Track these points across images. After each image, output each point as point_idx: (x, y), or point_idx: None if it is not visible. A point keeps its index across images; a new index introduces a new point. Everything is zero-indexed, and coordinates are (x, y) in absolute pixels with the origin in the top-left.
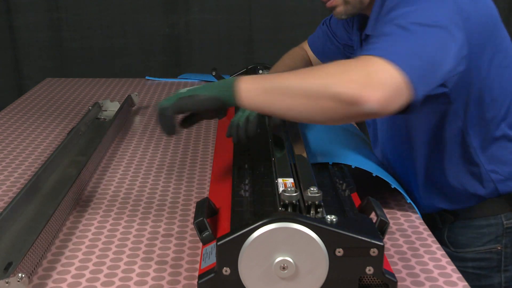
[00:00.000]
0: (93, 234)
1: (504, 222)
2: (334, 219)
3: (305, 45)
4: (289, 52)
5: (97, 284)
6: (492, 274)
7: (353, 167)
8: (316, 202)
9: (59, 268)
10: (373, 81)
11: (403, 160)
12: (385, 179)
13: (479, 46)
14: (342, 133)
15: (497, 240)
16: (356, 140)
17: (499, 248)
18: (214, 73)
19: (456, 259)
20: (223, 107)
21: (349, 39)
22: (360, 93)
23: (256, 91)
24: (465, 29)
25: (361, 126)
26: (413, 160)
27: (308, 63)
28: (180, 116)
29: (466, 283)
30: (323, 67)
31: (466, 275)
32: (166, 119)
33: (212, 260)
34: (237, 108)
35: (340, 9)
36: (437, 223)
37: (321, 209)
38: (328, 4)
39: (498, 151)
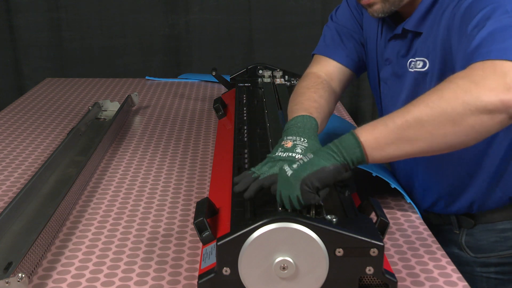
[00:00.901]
0: (93, 234)
1: None
2: (334, 219)
3: (317, 67)
4: (300, 90)
5: (97, 284)
6: None
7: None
8: (316, 203)
9: (59, 268)
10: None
11: (434, 159)
12: (385, 179)
13: None
14: (342, 133)
15: None
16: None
17: None
18: (214, 73)
19: (476, 265)
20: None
21: (361, 32)
22: (507, 97)
23: (385, 140)
24: None
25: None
26: (451, 157)
27: (330, 88)
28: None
29: (466, 283)
30: (446, 88)
31: (489, 280)
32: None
33: (212, 260)
34: (236, 108)
35: (378, 6)
36: (453, 227)
37: (321, 209)
38: (364, 1)
39: None
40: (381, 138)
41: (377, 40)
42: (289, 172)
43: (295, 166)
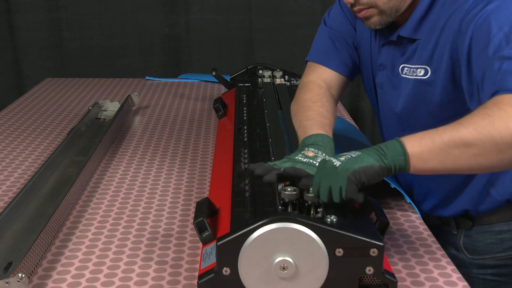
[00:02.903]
0: (93, 234)
1: None
2: (334, 219)
3: (314, 75)
4: (307, 104)
5: (97, 284)
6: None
7: None
8: (316, 202)
9: (59, 268)
10: None
11: None
12: (385, 179)
13: None
14: (342, 133)
15: None
16: (356, 139)
17: None
18: (214, 73)
19: (473, 267)
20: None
21: (354, 35)
22: None
23: (429, 154)
24: None
25: (361, 125)
26: None
27: (332, 98)
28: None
29: (466, 283)
30: (497, 116)
31: (485, 282)
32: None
33: (212, 260)
34: (236, 108)
35: (375, 19)
36: (451, 228)
37: (321, 209)
38: (361, 14)
39: None
40: (426, 151)
41: (371, 44)
42: (337, 163)
43: (342, 158)
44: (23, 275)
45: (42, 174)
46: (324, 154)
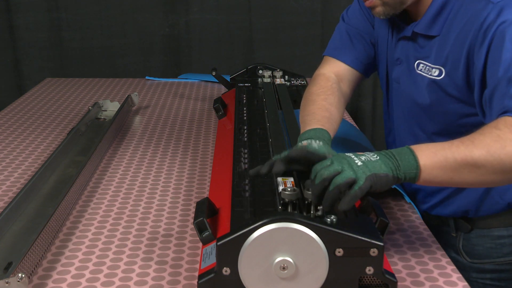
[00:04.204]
0: (93, 234)
1: None
2: (334, 219)
3: (326, 68)
4: (311, 98)
5: (97, 284)
6: (510, 286)
7: None
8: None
9: (59, 268)
10: None
11: None
12: None
13: None
14: (342, 133)
15: None
16: (356, 140)
17: None
18: (214, 73)
19: (472, 270)
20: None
21: (372, 32)
22: None
23: (441, 171)
24: None
25: (361, 125)
26: None
27: (339, 91)
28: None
29: (466, 283)
30: (509, 140)
31: (484, 286)
32: (351, 198)
33: (212, 260)
34: (236, 108)
35: (379, 9)
36: (450, 230)
37: (321, 208)
38: (367, 4)
39: None
40: (438, 167)
41: (387, 39)
42: (359, 163)
43: (363, 158)
44: (23, 275)
45: (42, 174)
46: (319, 142)
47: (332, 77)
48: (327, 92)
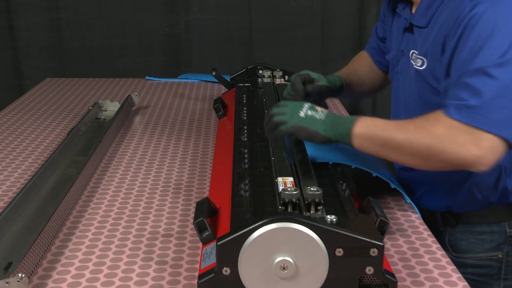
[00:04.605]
0: (93, 234)
1: (507, 230)
2: (334, 219)
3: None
4: (358, 55)
5: (97, 284)
6: (491, 281)
7: (353, 167)
8: (316, 200)
9: (59, 268)
10: (483, 150)
11: None
12: (385, 179)
13: None
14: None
15: (498, 247)
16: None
17: (500, 256)
18: (214, 73)
19: (455, 264)
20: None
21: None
22: (472, 161)
23: (368, 142)
24: None
25: None
26: None
27: (370, 66)
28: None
29: (466, 283)
30: (440, 135)
31: (465, 281)
32: (275, 134)
33: (212, 260)
34: (236, 108)
35: None
36: (438, 224)
37: (321, 207)
38: None
39: None
40: (367, 140)
41: (397, 33)
42: (302, 114)
43: (309, 113)
44: (23, 275)
45: (42, 174)
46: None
47: (366, 55)
48: (355, 59)
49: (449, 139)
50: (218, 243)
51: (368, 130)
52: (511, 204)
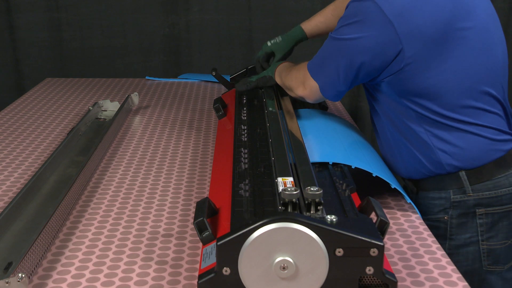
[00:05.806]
0: (93, 234)
1: (452, 197)
2: (334, 219)
3: None
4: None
5: (97, 284)
6: (440, 241)
7: (353, 167)
8: (316, 200)
9: (59, 268)
10: (304, 85)
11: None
12: (385, 179)
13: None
14: (342, 133)
15: (445, 211)
16: (356, 140)
17: (445, 218)
18: (214, 73)
19: None
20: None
21: None
22: (297, 88)
23: (277, 77)
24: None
25: (361, 125)
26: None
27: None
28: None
29: (466, 283)
30: (296, 69)
31: (465, 281)
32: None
33: (212, 260)
34: (236, 108)
35: None
36: (408, 191)
37: (321, 207)
38: None
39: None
40: (277, 76)
41: None
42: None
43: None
44: (23, 275)
45: (42, 174)
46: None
47: None
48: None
49: (294, 79)
50: (218, 243)
51: (278, 68)
52: (453, 174)
